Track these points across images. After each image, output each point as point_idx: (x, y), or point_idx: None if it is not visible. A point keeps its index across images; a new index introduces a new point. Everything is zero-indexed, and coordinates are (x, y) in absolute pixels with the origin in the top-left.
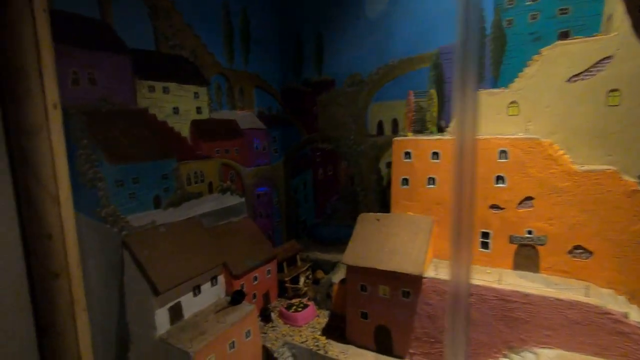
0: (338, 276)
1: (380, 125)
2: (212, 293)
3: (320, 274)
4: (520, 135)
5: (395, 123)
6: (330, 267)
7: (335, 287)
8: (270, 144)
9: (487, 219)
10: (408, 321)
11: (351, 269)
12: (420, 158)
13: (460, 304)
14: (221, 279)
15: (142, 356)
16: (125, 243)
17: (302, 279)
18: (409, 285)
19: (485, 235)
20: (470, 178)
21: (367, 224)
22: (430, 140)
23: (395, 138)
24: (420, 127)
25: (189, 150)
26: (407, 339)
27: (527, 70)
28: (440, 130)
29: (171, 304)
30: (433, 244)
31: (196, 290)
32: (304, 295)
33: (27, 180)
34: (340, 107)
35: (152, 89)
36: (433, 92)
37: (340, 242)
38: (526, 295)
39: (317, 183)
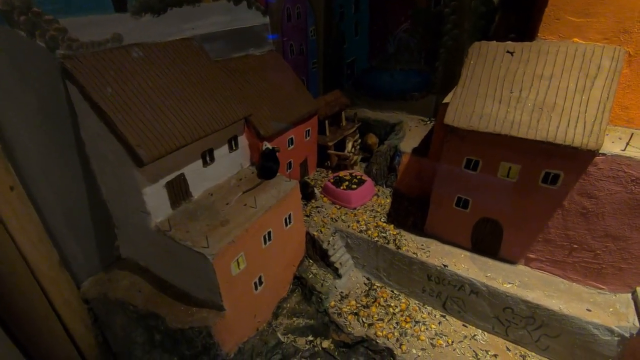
0: (408, 144)
1: None
2: (232, 161)
3: (372, 138)
4: None
5: None
6: (386, 129)
7: (405, 159)
8: None
9: None
10: (541, 217)
11: (454, 134)
12: None
13: None
14: (243, 140)
15: (138, 249)
16: (69, 72)
17: (349, 145)
18: (562, 164)
19: None
20: None
21: (490, 59)
22: None
23: None
24: None
25: None
26: (529, 240)
27: None
28: None
29: (169, 177)
30: (617, 97)
31: (207, 156)
32: (352, 165)
33: None
34: None
35: None
36: None
37: (404, 96)
38: None
39: (377, 2)
